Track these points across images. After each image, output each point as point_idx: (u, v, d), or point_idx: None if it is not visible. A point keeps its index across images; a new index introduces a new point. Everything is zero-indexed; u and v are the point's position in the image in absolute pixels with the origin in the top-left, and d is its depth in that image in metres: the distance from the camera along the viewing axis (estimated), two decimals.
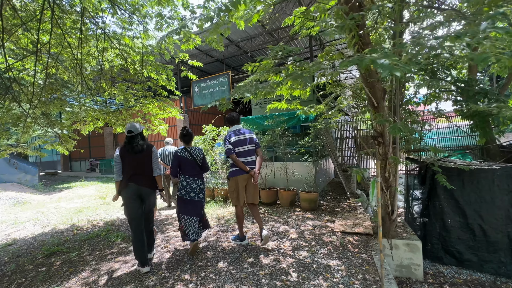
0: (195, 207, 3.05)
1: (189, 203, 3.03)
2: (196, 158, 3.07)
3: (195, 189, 3.05)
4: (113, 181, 11.13)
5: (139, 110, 5.25)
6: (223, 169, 5.86)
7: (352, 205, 5.07)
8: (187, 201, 3.02)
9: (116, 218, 5.11)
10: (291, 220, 4.17)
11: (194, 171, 3.07)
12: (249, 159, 3.10)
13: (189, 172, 3.05)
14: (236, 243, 3.31)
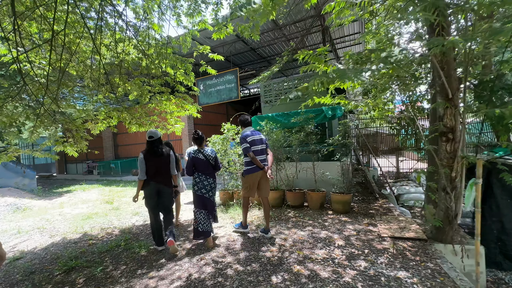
0: (207, 203, 3.33)
1: (202, 198, 3.30)
2: (209, 159, 3.35)
3: (207, 186, 3.31)
4: (115, 184, 10.62)
5: (155, 108, 4.85)
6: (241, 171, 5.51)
7: (385, 206, 4.81)
8: (200, 197, 3.31)
9: (132, 225, 4.70)
10: (329, 225, 3.86)
11: (207, 170, 3.35)
12: (263, 157, 3.41)
13: (202, 171, 3.32)
14: (239, 230, 3.69)
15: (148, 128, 4.95)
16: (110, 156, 15.26)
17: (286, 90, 9.04)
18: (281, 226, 3.94)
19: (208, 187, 3.32)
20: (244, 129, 3.53)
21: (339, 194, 4.46)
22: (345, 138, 4.76)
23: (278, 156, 5.10)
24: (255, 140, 3.36)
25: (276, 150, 5.05)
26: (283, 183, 5.17)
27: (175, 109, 4.95)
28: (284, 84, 9.06)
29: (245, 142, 3.31)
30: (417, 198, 6.43)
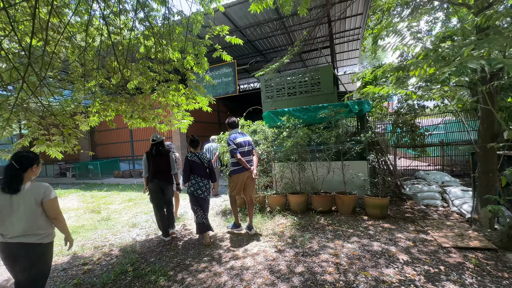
0: (204, 202, 3.50)
1: (198, 198, 3.47)
2: (204, 161, 3.52)
3: (202, 187, 3.48)
4: (97, 188, 9.41)
5: (158, 99, 4.03)
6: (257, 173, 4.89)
7: (417, 208, 4.47)
8: (196, 197, 3.48)
9: (133, 240, 3.88)
10: (374, 233, 3.39)
11: (202, 173, 3.51)
12: (249, 158, 3.57)
13: (198, 173, 3.50)
14: (234, 231, 3.79)
15: (152, 124, 4.14)
16: (87, 156, 13.71)
17: (289, 85, 8.54)
18: (321, 237, 3.39)
19: (203, 187, 3.50)
20: (231, 131, 3.69)
21: (375, 197, 4.02)
22: (378, 136, 4.32)
23: (302, 155, 4.55)
24: (241, 142, 3.52)
25: (300, 149, 4.49)
26: (309, 186, 4.62)
27: (184, 101, 4.18)
28: (287, 78, 8.55)
29: (232, 144, 3.47)
30: (431, 196, 6.25)
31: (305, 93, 8.25)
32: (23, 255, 1.76)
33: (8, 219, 1.73)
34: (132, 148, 12.57)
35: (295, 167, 4.65)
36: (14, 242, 1.74)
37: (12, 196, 1.73)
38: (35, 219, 1.80)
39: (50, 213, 1.87)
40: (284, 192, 4.68)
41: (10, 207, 1.73)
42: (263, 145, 4.65)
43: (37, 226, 1.81)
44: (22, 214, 1.75)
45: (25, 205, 1.76)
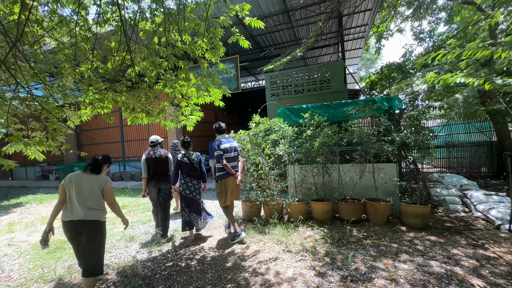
0: (192, 202, 3.60)
1: (186, 198, 3.58)
2: (193, 162, 3.61)
3: (190, 187, 3.58)
4: None
5: (165, 90, 3.39)
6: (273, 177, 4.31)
7: (453, 216, 4.04)
8: (184, 196, 3.59)
9: (132, 259, 3.21)
10: (424, 249, 2.89)
11: (191, 173, 3.61)
12: (234, 164, 3.59)
13: (187, 173, 3.60)
14: (237, 241, 3.50)
15: (156, 120, 3.49)
16: (72, 157, 12.69)
17: (297, 82, 8.03)
18: (363, 254, 2.86)
19: (192, 188, 3.60)
20: (218, 136, 3.67)
21: (414, 205, 3.54)
22: (418, 134, 3.86)
23: (328, 157, 4.01)
24: (227, 147, 3.55)
25: (325, 150, 3.96)
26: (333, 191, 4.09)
27: (194, 94, 3.56)
28: (294, 75, 8.05)
29: (218, 150, 3.48)
30: (451, 201, 5.89)
31: (314, 91, 7.78)
32: (89, 228, 2.27)
33: (77, 198, 2.26)
34: (123, 148, 11.69)
35: (318, 171, 4.11)
36: (81, 220, 2.24)
37: (88, 177, 2.35)
38: (95, 200, 2.33)
39: (108, 199, 2.41)
40: (306, 199, 4.13)
41: (80, 186, 2.29)
42: (283, 145, 4.08)
43: (97, 205, 2.34)
44: (86, 194, 2.30)
45: (91, 187, 2.32)
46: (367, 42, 11.94)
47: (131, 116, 3.16)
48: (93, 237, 2.28)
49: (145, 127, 11.07)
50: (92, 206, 2.31)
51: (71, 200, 2.27)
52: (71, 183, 2.29)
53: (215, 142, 3.60)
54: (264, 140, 4.18)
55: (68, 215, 2.26)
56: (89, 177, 2.36)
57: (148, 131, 10.98)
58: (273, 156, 4.33)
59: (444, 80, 2.41)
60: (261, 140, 4.11)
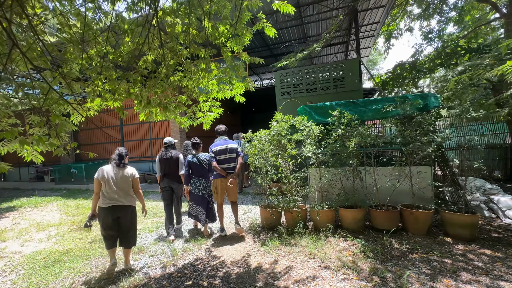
0: (201, 199, 3.80)
1: (195, 196, 3.82)
2: (202, 163, 3.80)
3: (199, 186, 3.80)
4: (82, 195, 8.06)
5: (182, 82, 2.97)
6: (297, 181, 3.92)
7: (495, 225, 3.68)
8: (193, 194, 3.83)
9: (144, 276, 2.78)
10: (486, 267, 2.52)
11: (200, 173, 3.81)
12: (228, 166, 3.74)
13: (196, 173, 3.82)
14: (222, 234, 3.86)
15: (172, 116, 3.08)
16: (68, 158, 12.13)
17: (308, 80, 7.67)
18: (417, 272, 2.47)
19: (200, 186, 3.80)
20: (217, 137, 3.89)
21: (461, 213, 3.17)
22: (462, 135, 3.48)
23: (361, 159, 3.63)
24: (220, 149, 3.73)
25: (357, 151, 3.58)
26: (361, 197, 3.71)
27: (215, 87, 3.15)
28: (305, 73, 7.67)
29: (211, 152, 3.76)
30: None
31: (327, 90, 7.42)
32: (125, 212, 2.84)
33: (113, 190, 2.77)
34: None
35: (347, 174, 3.73)
36: (119, 205, 2.79)
37: (120, 169, 2.89)
38: (128, 187, 2.90)
39: (135, 187, 2.97)
40: (333, 206, 3.74)
41: (115, 178, 2.83)
42: (310, 145, 3.68)
43: (129, 192, 2.91)
44: (121, 182, 2.84)
45: (124, 177, 2.87)
46: (376, 41, 11.66)
47: (145, 110, 2.74)
48: (131, 218, 2.89)
49: (146, 126, 10.60)
50: (129, 193, 2.89)
51: (110, 189, 2.76)
52: (107, 176, 2.79)
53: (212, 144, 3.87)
54: (287, 140, 3.78)
55: (108, 202, 2.74)
56: (120, 169, 2.88)
57: (150, 131, 10.52)
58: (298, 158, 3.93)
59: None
60: (285, 140, 3.71)
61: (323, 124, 4.13)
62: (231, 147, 3.76)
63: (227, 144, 3.78)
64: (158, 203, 6.31)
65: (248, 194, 6.69)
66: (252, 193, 6.72)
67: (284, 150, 3.83)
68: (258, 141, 3.79)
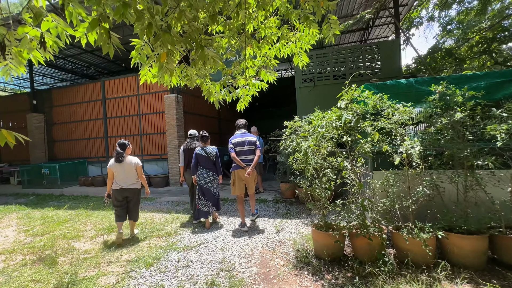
0: (207, 192, 3.93)
1: (201, 188, 3.92)
2: (210, 155, 3.94)
3: (206, 178, 3.91)
4: (54, 203, 6.40)
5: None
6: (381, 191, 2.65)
7: None
8: (200, 186, 3.93)
9: None
10: None
11: (207, 165, 3.95)
12: (246, 157, 3.83)
13: (203, 165, 3.95)
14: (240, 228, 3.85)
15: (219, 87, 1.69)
16: (40, 156, 10.28)
17: (335, 64, 6.45)
18: None
19: (207, 178, 3.92)
20: (238, 131, 4.02)
21: None
22: None
23: (471, 160, 2.40)
24: (239, 141, 3.86)
25: (455, 143, 2.35)
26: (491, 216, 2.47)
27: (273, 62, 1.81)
28: (332, 56, 6.46)
29: (230, 143, 3.88)
30: None
31: (359, 76, 6.25)
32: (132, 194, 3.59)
33: (121, 176, 3.50)
34: (106, 145, 9.52)
35: (457, 180, 2.49)
36: (127, 188, 3.54)
37: (121, 163, 3.49)
38: (133, 174, 3.58)
39: (138, 173, 3.63)
40: (433, 229, 2.49)
41: (121, 168, 3.49)
42: (418, 140, 2.39)
43: (134, 178, 3.60)
44: (127, 172, 3.52)
45: (129, 167, 3.53)
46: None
47: (201, 59, 1.35)
48: (135, 198, 3.66)
49: (135, 120, 9.00)
50: (133, 178, 3.59)
51: (119, 176, 3.50)
52: (116, 166, 3.49)
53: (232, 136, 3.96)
54: (373, 128, 2.47)
55: (118, 186, 3.52)
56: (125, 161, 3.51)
57: (140, 125, 8.93)
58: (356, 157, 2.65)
59: None
60: (371, 128, 2.38)
61: None
62: (249, 140, 3.86)
63: (246, 137, 3.90)
64: (154, 214, 4.86)
65: (267, 202, 5.36)
66: (273, 200, 5.41)
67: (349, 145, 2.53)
68: (325, 129, 2.47)
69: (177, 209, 5.24)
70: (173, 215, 4.79)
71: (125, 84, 9.14)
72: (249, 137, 3.89)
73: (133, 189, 3.59)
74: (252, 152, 3.85)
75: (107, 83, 9.42)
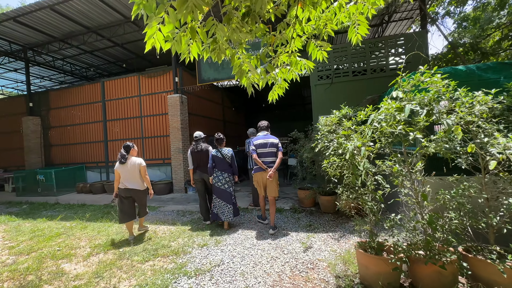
0: (223, 193, 3.91)
1: (217, 189, 3.94)
2: (225, 157, 3.97)
3: (221, 180, 3.93)
4: (47, 213, 5.82)
5: None
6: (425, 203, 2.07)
7: None
8: (217, 188, 3.95)
9: None
10: None
11: (223, 167, 3.98)
12: (268, 159, 3.75)
13: (219, 167, 3.98)
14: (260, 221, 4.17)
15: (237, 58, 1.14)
16: (36, 161, 9.74)
17: (354, 59, 5.94)
18: None
19: (223, 180, 3.93)
20: (259, 133, 3.99)
21: None
22: None
23: None
24: (260, 143, 3.78)
25: None
26: None
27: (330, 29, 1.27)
28: (351, 50, 5.94)
29: (252, 145, 3.83)
30: None
31: (381, 72, 5.72)
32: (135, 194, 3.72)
33: (126, 176, 3.66)
34: (106, 150, 8.97)
35: None
36: (131, 188, 3.67)
37: (124, 165, 3.65)
38: (137, 175, 3.71)
39: (142, 173, 3.75)
40: None
41: (125, 169, 3.65)
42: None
43: (138, 179, 3.73)
44: (131, 172, 3.67)
45: (132, 168, 3.68)
46: (409, 27, 10.15)
47: None
48: (140, 198, 3.78)
49: (137, 122, 8.48)
50: (137, 179, 3.72)
51: (124, 177, 3.66)
52: (120, 167, 3.65)
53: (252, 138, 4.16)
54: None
55: (123, 185, 3.67)
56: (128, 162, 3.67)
57: (142, 128, 8.40)
58: None
59: None
60: (454, 122, 1.79)
61: None
62: (272, 142, 3.79)
63: (268, 138, 3.82)
64: (158, 227, 4.28)
65: (284, 211, 4.78)
66: (290, 209, 4.83)
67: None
68: (387, 123, 1.90)
69: (183, 220, 4.66)
70: (179, 227, 4.21)
71: (125, 84, 8.65)
72: (271, 139, 3.81)
73: (136, 190, 3.73)
74: (274, 154, 3.77)
75: (107, 83, 8.92)
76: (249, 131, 5.22)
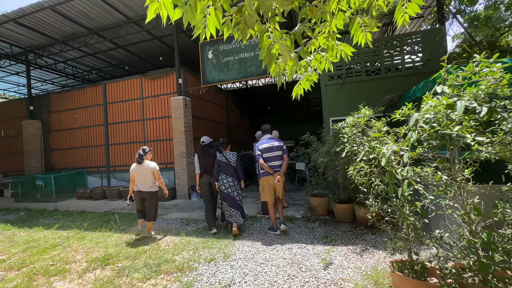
0: (230, 198, 3.92)
1: (222, 193, 3.97)
2: (230, 161, 3.96)
3: (226, 184, 3.93)
4: (44, 221, 5.52)
5: None
6: None
7: None
8: (221, 191, 3.99)
9: None
10: None
11: (228, 171, 3.97)
12: (275, 163, 3.74)
13: (224, 171, 3.98)
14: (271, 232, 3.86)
15: None
16: (36, 166, 9.50)
17: (367, 58, 5.64)
18: None
19: (227, 184, 3.92)
20: (263, 136, 3.97)
21: None
22: None
23: None
24: (266, 147, 3.76)
25: None
26: None
27: None
28: (364, 48, 5.66)
29: (257, 150, 3.80)
30: None
31: (396, 71, 5.41)
32: (148, 196, 3.92)
33: (140, 179, 3.88)
34: (107, 154, 8.71)
35: None
36: (144, 190, 3.90)
37: (141, 166, 3.87)
38: (150, 178, 3.91)
39: (156, 176, 3.96)
40: None
41: (140, 172, 3.87)
42: None
43: (151, 182, 3.94)
44: (144, 175, 3.87)
45: (146, 171, 3.88)
46: (420, 26, 9.86)
47: None
48: (152, 200, 3.95)
49: (139, 125, 8.22)
50: (151, 182, 3.92)
51: (138, 179, 3.89)
52: (135, 169, 3.88)
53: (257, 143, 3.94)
54: None
55: (137, 188, 3.92)
56: (143, 165, 3.88)
57: (144, 132, 8.14)
58: None
59: None
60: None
61: None
62: (277, 145, 3.77)
63: (273, 142, 3.80)
64: (160, 238, 3.96)
65: (296, 220, 4.44)
66: (302, 218, 4.49)
67: None
68: (437, 123, 1.59)
69: (187, 230, 4.34)
70: (184, 238, 3.89)
71: (128, 86, 8.42)
72: (276, 142, 3.81)
73: (149, 192, 3.92)
74: (280, 157, 3.77)
75: (109, 86, 8.70)
76: (257, 134, 4.92)
